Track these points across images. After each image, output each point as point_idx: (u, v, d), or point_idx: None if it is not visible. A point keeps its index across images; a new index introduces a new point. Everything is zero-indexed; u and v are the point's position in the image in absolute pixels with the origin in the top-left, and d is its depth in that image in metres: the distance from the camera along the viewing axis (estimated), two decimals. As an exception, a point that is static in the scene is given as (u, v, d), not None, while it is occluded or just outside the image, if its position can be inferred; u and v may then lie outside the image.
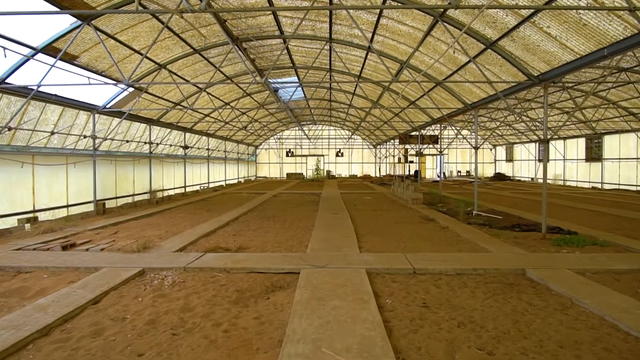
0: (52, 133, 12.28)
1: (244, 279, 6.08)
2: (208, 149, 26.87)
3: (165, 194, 20.41)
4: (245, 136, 33.50)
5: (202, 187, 25.53)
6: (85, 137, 13.83)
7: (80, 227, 10.53)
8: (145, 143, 18.40)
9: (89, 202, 14.05)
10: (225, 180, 31.27)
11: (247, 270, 6.43)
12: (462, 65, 10.84)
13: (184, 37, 12.22)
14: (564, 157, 27.38)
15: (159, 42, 12.14)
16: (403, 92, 16.39)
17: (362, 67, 15.34)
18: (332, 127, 39.63)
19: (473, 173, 39.71)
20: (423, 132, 22.76)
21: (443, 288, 5.52)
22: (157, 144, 19.23)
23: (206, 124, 23.59)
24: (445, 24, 8.67)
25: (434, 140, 24.95)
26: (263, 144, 41.29)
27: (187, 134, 22.85)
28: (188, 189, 23.47)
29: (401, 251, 7.68)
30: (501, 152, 37.44)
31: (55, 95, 11.82)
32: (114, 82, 10.61)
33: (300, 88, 22.55)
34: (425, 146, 26.72)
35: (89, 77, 11.35)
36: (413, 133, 24.57)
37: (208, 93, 18.34)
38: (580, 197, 18.26)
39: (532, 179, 31.65)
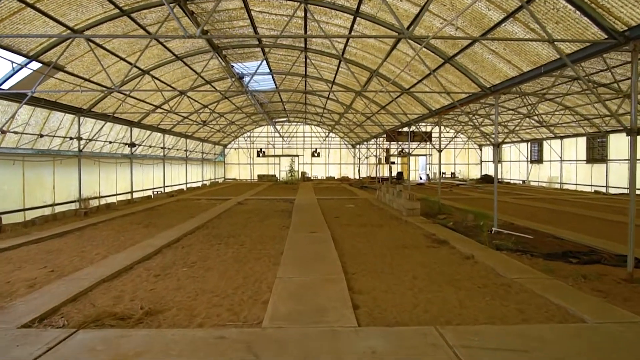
0: None
1: (116, 420, 2.75)
2: (163, 148, 23.03)
3: (105, 201, 16.67)
4: (211, 134, 29.73)
5: (156, 193, 21.73)
6: (-33, 128, 10.09)
7: None
8: (73, 139, 14.61)
9: (-24, 217, 10.27)
10: (187, 183, 27.47)
11: (132, 390, 3.09)
12: (492, 26, 7.66)
13: (99, -13, 8.72)
14: (560, 158, 25.09)
15: (63, -8, 8.60)
16: (397, 77, 13.24)
17: (346, 44, 12.16)
18: (307, 124, 36.28)
19: (458, 175, 37.29)
20: (413, 128, 19.79)
21: None
22: (90, 140, 15.40)
23: (158, 117, 19.83)
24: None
25: (428, 135, 22.03)
26: (232, 142, 37.49)
27: (135, 129, 19.06)
28: (138, 195, 19.67)
29: (426, 315, 4.52)
30: (488, 152, 35.13)
31: None
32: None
33: (270, 76, 19.21)
34: (416, 145, 23.89)
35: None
36: (401, 129, 21.58)
37: (154, 77, 14.71)
38: (594, 205, 15.63)
39: (524, 181, 29.35)
